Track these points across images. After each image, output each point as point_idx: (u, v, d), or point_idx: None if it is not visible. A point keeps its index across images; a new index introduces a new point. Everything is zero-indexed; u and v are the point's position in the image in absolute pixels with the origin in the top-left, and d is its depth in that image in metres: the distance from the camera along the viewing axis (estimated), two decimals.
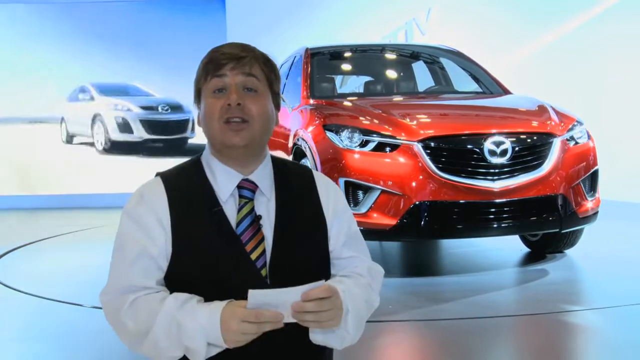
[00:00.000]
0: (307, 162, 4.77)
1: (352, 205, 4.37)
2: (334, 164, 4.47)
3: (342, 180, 4.39)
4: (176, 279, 1.47)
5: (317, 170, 4.52)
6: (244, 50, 1.52)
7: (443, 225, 4.40)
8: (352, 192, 4.39)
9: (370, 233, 4.35)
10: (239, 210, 1.51)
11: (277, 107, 1.58)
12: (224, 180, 1.52)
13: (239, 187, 1.52)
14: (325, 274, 1.57)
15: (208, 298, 1.44)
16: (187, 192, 1.51)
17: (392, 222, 4.30)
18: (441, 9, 9.49)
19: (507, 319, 3.80)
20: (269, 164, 1.58)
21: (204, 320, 1.38)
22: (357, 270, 1.61)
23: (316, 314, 1.36)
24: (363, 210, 4.34)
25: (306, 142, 4.81)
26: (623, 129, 8.03)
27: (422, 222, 4.31)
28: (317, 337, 1.47)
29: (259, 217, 1.51)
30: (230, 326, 1.36)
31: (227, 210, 1.50)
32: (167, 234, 1.47)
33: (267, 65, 1.54)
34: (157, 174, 1.57)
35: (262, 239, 1.49)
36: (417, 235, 4.52)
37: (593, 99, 8.12)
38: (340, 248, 1.60)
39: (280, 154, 5.69)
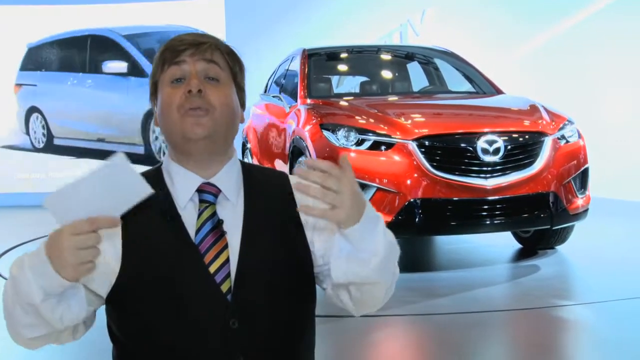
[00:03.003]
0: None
1: None
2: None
3: None
4: (128, 293, 1.30)
5: None
6: (204, 36, 1.37)
7: (437, 222, 4.49)
8: None
9: None
10: (199, 215, 1.33)
11: (242, 104, 1.42)
12: (182, 185, 1.35)
13: (199, 191, 1.34)
14: (304, 290, 1.37)
15: (163, 313, 1.28)
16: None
17: (388, 219, 4.36)
18: (435, 11, 9.57)
19: (500, 314, 3.86)
20: (235, 165, 1.40)
21: (33, 260, 1.17)
22: None
23: (321, 189, 1.20)
24: None
25: (303, 141, 4.89)
26: (614, 128, 8.11)
27: (417, 219, 4.39)
28: (340, 267, 1.28)
29: (220, 222, 1.32)
30: (61, 246, 1.14)
31: (185, 218, 1.32)
32: (115, 247, 1.29)
33: (230, 55, 1.38)
34: None
35: (225, 247, 1.31)
36: (412, 232, 4.59)
37: (586, 98, 8.19)
38: (332, 256, 1.33)
39: (278, 153, 5.77)
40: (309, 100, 5.39)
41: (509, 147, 4.49)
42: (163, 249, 1.30)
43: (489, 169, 4.44)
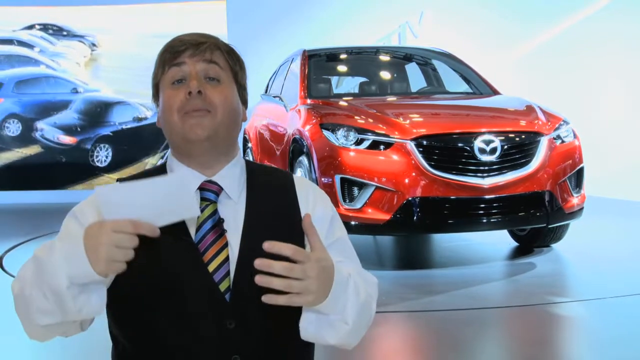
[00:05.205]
0: (304, 159, 4.92)
1: (347, 200, 4.51)
2: (330, 162, 4.61)
3: (338, 177, 4.53)
4: (127, 288, 1.28)
5: (314, 167, 4.67)
6: (203, 36, 1.36)
7: (434, 220, 4.53)
8: (348, 188, 4.53)
9: (365, 228, 4.51)
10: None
11: (244, 102, 1.42)
12: None
13: (201, 189, 1.34)
14: None
15: (161, 310, 1.28)
16: None
17: (386, 217, 4.43)
18: (433, 13, 9.63)
19: (496, 310, 3.90)
20: (239, 164, 1.40)
21: (66, 247, 1.15)
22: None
23: (285, 280, 1.13)
24: (358, 205, 4.48)
25: (304, 140, 4.94)
26: (610, 127, 8.16)
27: (415, 217, 4.44)
28: (308, 330, 1.25)
29: (221, 220, 1.32)
30: (99, 240, 1.11)
31: None
32: None
33: (230, 54, 1.37)
34: (118, 180, 1.36)
35: (225, 245, 1.30)
36: (409, 230, 4.67)
37: (583, 98, 8.25)
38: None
39: (278, 153, 5.83)
40: (309, 101, 5.44)
41: (505, 146, 4.55)
42: (163, 246, 1.26)
43: (486, 168, 4.49)
